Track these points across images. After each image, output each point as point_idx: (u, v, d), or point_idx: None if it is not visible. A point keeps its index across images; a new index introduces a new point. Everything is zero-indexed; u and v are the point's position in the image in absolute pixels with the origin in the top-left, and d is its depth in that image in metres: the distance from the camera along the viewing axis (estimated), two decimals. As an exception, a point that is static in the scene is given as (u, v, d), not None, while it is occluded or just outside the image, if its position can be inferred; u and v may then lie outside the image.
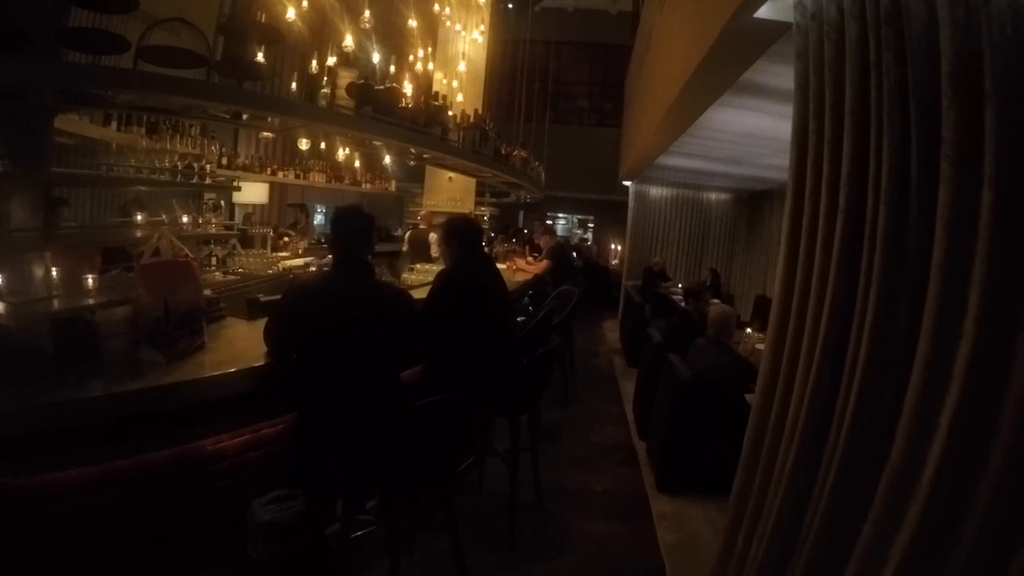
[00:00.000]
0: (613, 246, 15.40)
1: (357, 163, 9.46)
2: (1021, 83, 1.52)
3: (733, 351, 4.55)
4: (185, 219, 3.93)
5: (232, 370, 2.65)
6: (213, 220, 4.36)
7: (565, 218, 19.14)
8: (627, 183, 11.93)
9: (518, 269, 7.32)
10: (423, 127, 4.70)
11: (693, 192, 11.93)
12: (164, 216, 3.85)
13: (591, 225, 19.24)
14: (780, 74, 3.36)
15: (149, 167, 3.76)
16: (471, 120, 5.95)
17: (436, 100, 5.18)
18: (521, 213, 17.18)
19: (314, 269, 5.40)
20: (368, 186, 10.17)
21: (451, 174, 9.40)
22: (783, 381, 2.13)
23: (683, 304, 6.38)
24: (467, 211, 9.51)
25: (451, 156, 5.60)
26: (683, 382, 4.12)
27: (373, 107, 4.16)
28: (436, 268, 6.24)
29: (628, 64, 13.51)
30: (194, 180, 4.02)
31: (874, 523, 1.72)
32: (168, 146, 3.95)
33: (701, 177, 10.03)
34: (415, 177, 10.42)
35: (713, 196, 12.02)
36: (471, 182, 9.56)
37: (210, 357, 2.83)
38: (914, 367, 1.67)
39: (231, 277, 4.69)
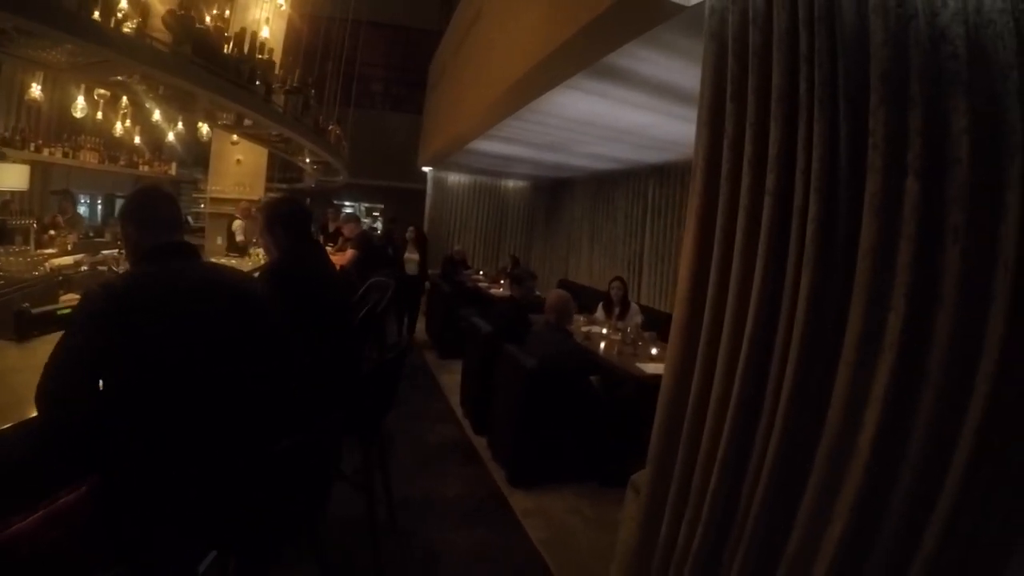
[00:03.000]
0: (407, 235, 15.40)
1: (137, 139, 8.52)
2: (940, 89, 1.78)
3: (573, 337, 4.78)
4: None
5: (6, 426, 2.03)
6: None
7: (352, 206, 18.75)
8: (426, 169, 11.99)
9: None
10: (247, 83, 4.22)
11: (492, 180, 12.38)
12: None
13: (376, 214, 19.08)
14: (645, 59, 3.58)
15: None
16: (294, 84, 5.54)
17: (263, 53, 4.68)
18: (308, 200, 16.56)
19: (86, 268, 4.74)
20: (146, 168, 9.23)
21: (240, 155, 8.84)
22: (701, 365, 2.27)
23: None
24: (256, 197, 9.03)
25: (274, 123, 5.14)
26: (529, 372, 4.22)
27: (194, 48, 3.63)
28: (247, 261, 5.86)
29: (432, 48, 13.53)
30: None
31: (813, 495, 1.92)
32: None
33: (504, 164, 10.36)
34: (198, 161, 9.68)
35: (511, 184, 12.55)
36: (261, 166, 9.07)
37: None
38: (845, 344, 1.88)
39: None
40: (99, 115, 6.72)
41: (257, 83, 4.44)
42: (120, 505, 2.04)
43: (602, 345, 5.53)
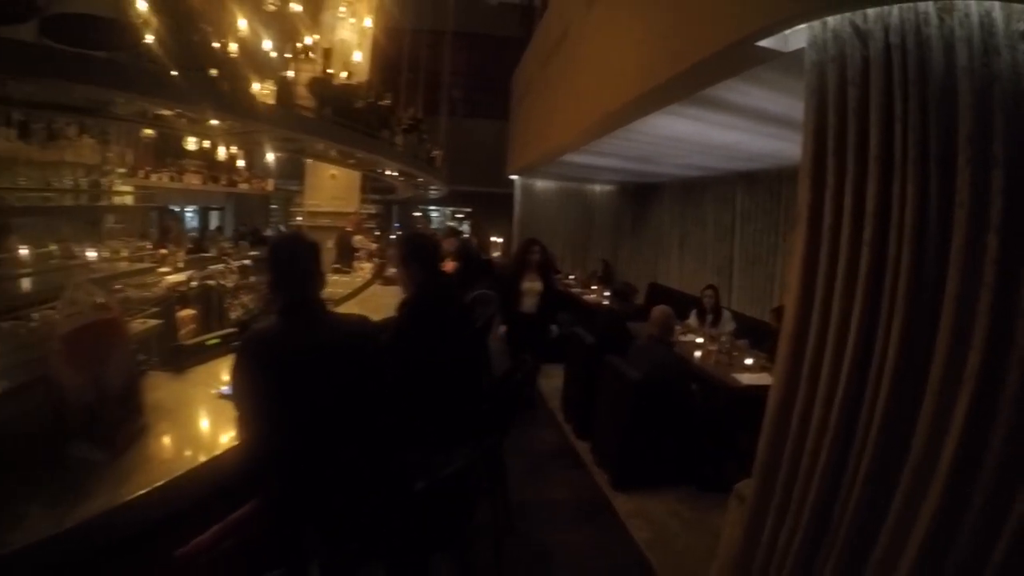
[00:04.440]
0: (493, 239, 15.86)
1: (241, 162, 9.15)
2: (1022, 150, 2.07)
3: (675, 349, 5.12)
4: (92, 254, 3.39)
5: (202, 460, 2.34)
6: (124, 251, 3.91)
7: (438, 211, 19.35)
8: (513, 177, 12.44)
9: None
10: (376, 131, 4.74)
11: (578, 185, 12.77)
12: (55, 248, 3.33)
13: (459, 217, 19.55)
14: (743, 91, 3.89)
15: (40, 185, 3.24)
16: (410, 122, 6.06)
17: (384, 99, 5.22)
18: (395, 209, 17.28)
19: (196, 284, 5.15)
20: (245, 186, 9.87)
21: (334, 171, 9.38)
22: (804, 389, 2.60)
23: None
24: (352, 210, 9.54)
25: (398, 163, 5.65)
26: (635, 384, 4.61)
27: (332, 108, 4.13)
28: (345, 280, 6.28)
29: (510, 54, 13.96)
30: (104, 201, 3.62)
31: (899, 506, 2.24)
32: (68, 156, 3.45)
33: (591, 172, 10.69)
34: (292, 174, 10.25)
35: (598, 188, 12.90)
36: (355, 179, 9.56)
37: (159, 441, 2.49)
38: (930, 376, 2.20)
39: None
40: (206, 141, 7.20)
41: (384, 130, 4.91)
42: (283, 517, 2.47)
43: (697, 354, 5.85)
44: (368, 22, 8.53)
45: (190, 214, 13.23)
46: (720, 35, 3.12)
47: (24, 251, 3.09)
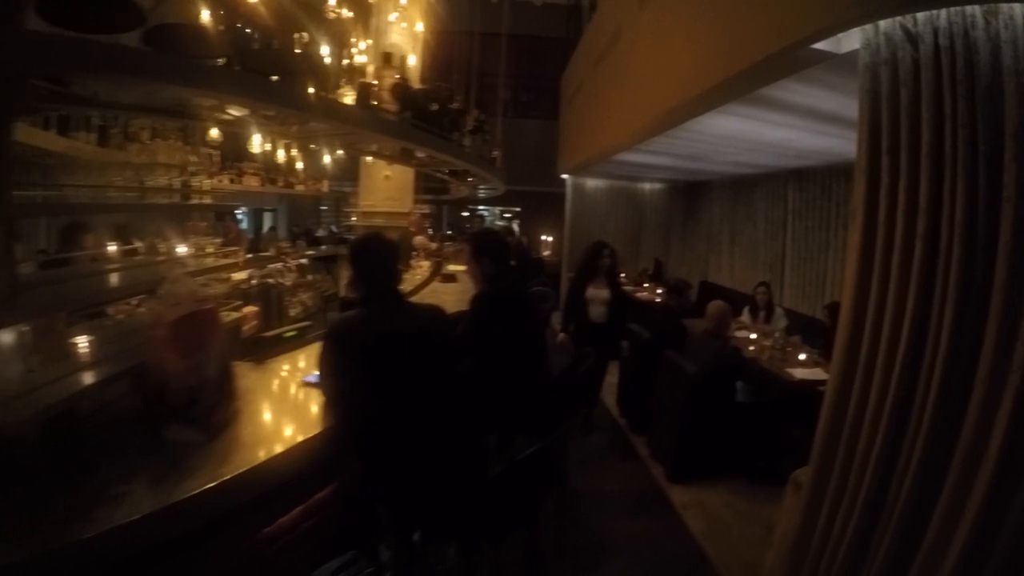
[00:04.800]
0: (543, 237, 16.01)
1: (300, 164, 9.46)
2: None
3: (731, 343, 5.22)
4: (182, 249, 3.57)
5: (299, 440, 2.49)
6: (210, 248, 4.11)
7: (487, 210, 19.55)
8: (564, 176, 12.60)
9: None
10: (448, 133, 4.97)
11: (629, 184, 12.86)
12: (141, 244, 3.57)
13: (507, 216, 19.71)
14: (795, 90, 3.99)
15: (137, 185, 3.41)
16: (475, 124, 6.28)
17: (453, 103, 5.42)
18: (446, 209, 17.52)
19: (256, 282, 5.31)
20: (301, 187, 10.18)
21: (388, 171, 9.60)
22: (861, 377, 2.71)
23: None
24: (406, 210, 9.78)
25: (468, 164, 5.92)
26: (692, 378, 4.74)
27: (412, 112, 4.35)
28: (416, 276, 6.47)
29: (557, 54, 14.12)
30: (196, 199, 3.83)
31: (949, 492, 2.35)
32: (162, 158, 3.63)
33: (642, 170, 10.78)
34: (346, 176, 10.52)
35: (648, 186, 12.98)
36: (409, 181, 9.76)
37: (252, 423, 2.64)
38: (979, 366, 2.31)
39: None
40: (268, 144, 7.46)
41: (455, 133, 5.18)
42: (362, 498, 2.73)
43: (751, 348, 5.95)
44: (420, 26, 8.76)
45: (240, 216, 13.64)
46: (777, 38, 3.23)
47: (112, 248, 3.31)
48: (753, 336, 6.36)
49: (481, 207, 19.04)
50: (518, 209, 18.77)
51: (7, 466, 1.98)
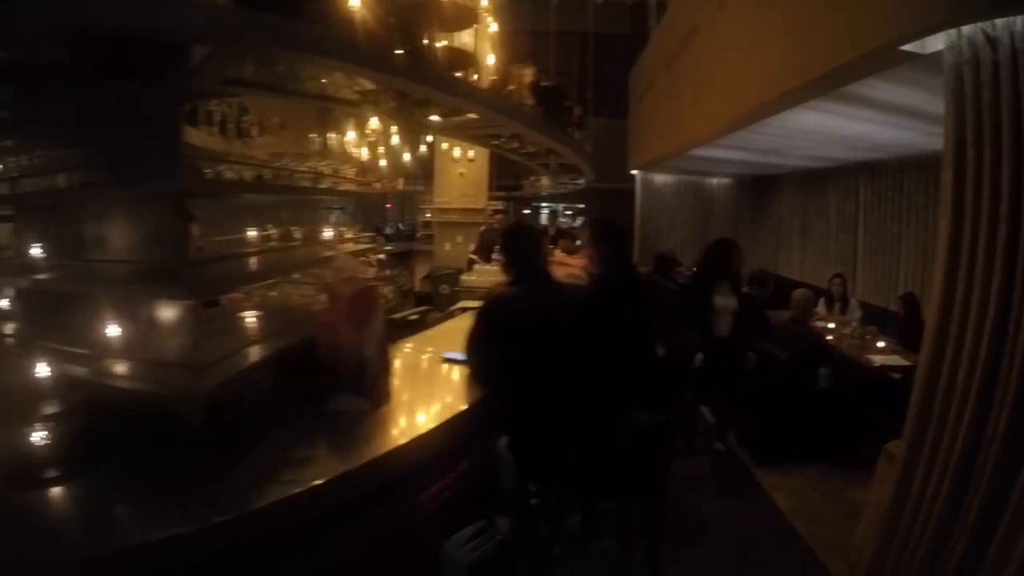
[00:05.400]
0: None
1: (383, 162, 9.84)
2: None
3: (815, 330, 5.44)
4: (329, 233, 3.98)
5: (457, 410, 2.74)
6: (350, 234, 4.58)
7: (550, 206, 19.85)
8: (633, 172, 12.84)
9: (560, 263, 7.97)
10: (566, 127, 5.43)
11: (697, 178, 13.05)
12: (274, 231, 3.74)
13: (568, 213, 19.94)
14: (877, 87, 4.20)
15: (313, 172, 3.74)
16: (578, 120, 6.66)
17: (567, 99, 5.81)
18: (512, 205, 17.88)
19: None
20: (378, 184, 10.56)
21: (462, 169, 9.90)
22: (951, 356, 2.96)
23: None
24: (480, 206, 10.10)
25: (579, 157, 6.37)
26: (780, 364, 4.98)
27: (544, 108, 4.78)
28: (492, 269, 6.80)
29: (621, 51, 14.38)
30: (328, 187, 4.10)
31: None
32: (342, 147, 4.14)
33: (711, 164, 10.96)
34: (415, 174, 10.88)
35: (715, 181, 13.12)
36: (483, 177, 10.10)
37: (409, 394, 2.92)
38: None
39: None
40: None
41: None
42: (507, 466, 2.99)
43: (829, 338, 6.12)
44: (494, 26, 9.07)
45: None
46: (866, 39, 3.49)
47: (252, 233, 3.41)
48: (831, 325, 6.54)
49: (544, 204, 19.31)
50: (581, 205, 18.99)
51: (180, 439, 2.21)
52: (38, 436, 2.05)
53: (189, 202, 2.56)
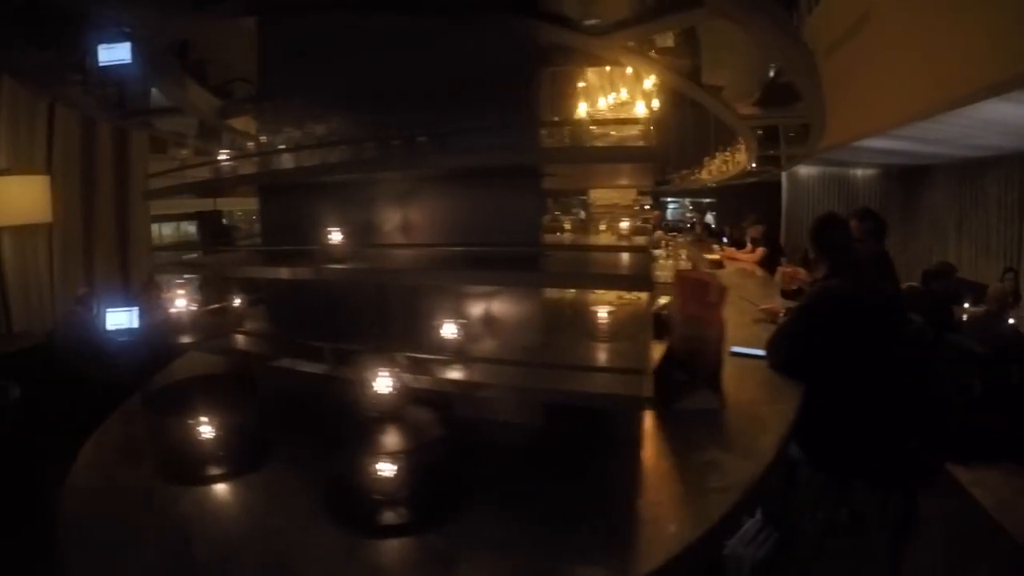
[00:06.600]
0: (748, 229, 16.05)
1: None
2: None
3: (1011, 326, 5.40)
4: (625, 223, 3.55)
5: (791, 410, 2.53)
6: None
7: (677, 202, 19.68)
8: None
9: (730, 258, 8.08)
10: None
11: (839, 169, 12.82)
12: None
13: (691, 207, 19.63)
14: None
15: None
16: None
17: None
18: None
19: None
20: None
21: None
22: None
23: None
24: (628, 202, 10.15)
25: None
26: (980, 358, 4.98)
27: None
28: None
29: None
30: None
31: None
32: None
33: (861, 154, 10.71)
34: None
35: (859, 172, 12.83)
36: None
37: (743, 394, 2.66)
38: None
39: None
40: None
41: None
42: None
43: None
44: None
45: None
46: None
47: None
48: (1011, 322, 6.41)
49: (670, 200, 19.14)
50: (709, 200, 18.75)
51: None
52: (386, 468, 1.70)
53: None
